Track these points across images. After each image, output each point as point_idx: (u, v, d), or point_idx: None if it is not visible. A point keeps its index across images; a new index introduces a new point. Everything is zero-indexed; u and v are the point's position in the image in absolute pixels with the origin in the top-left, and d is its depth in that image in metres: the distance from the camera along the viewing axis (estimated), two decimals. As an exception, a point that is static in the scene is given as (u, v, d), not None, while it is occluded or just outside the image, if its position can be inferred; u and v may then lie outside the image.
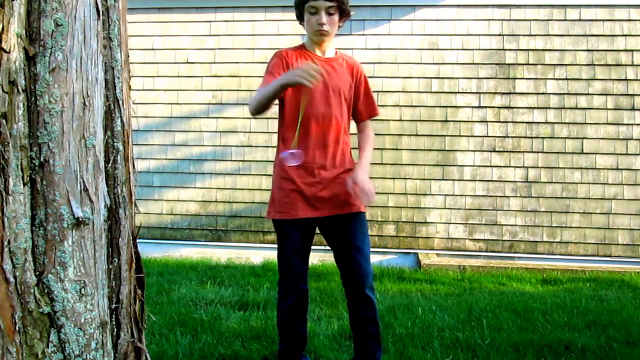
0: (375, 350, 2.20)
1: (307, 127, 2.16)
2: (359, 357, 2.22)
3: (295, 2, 2.21)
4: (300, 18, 2.23)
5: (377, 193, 5.11)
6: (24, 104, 1.38)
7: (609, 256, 5.01)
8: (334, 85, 2.20)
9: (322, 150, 2.17)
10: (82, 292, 1.44)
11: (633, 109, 5.04)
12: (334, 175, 2.18)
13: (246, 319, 3.08)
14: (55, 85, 1.41)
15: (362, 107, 2.33)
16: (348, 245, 2.18)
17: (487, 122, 5.15)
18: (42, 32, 1.40)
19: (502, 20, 5.16)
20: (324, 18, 2.13)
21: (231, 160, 5.36)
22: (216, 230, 5.35)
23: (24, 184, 1.38)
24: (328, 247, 2.27)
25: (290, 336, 2.26)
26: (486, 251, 5.11)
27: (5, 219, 1.32)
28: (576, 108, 5.09)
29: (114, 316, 1.59)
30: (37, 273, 1.39)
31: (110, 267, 1.59)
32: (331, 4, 2.13)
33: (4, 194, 1.33)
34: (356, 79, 2.28)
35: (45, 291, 1.39)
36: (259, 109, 2.12)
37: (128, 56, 1.70)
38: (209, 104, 5.39)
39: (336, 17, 2.17)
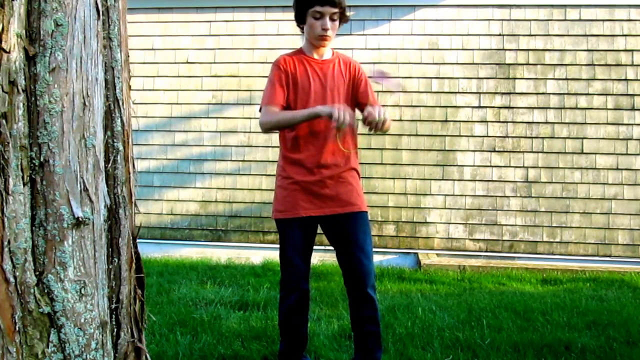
0: (375, 350, 2.20)
1: (306, 127, 2.17)
2: (359, 357, 2.22)
3: (296, 4, 2.21)
4: (300, 20, 2.24)
5: (377, 193, 5.17)
6: (24, 104, 1.38)
7: (609, 256, 5.01)
8: (331, 86, 2.21)
9: (321, 150, 2.18)
10: (82, 292, 1.44)
11: (633, 109, 5.04)
12: (336, 174, 2.19)
13: (246, 319, 3.08)
14: (55, 85, 1.41)
15: (371, 97, 2.31)
16: (350, 244, 2.19)
17: (487, 122, 5.15)
18: (42, 32, 1.40)
19: (502, 20, 5.16)
20: (329, 23, 2.15)
21: (231, 160, 5.36)
22: (216, 230, 5.35)
23: (24, 184, 1.37)
24: (328, 247, 2.28)
25: (291, 336, 2.27)
26: (486, 251, 5.11)
27: (5, 219, 1.32)
28: (576, 108, 5.09)
29: (114, 316, 1.59)
30: (37, 273, 1.39)
31: (110, 267, 1.59)
32: (336, 10, 2.15)
33: (4, 194, 1.32)
34: (353, 75, 2.28)
35: (45, 291, 1.39)
36: (275, 129, 2.20)
37: (128, 56, 1.70)
38: (209, 104, 5.39)
39: (337, 23, 2.20)
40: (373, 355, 2.19)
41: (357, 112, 2.29)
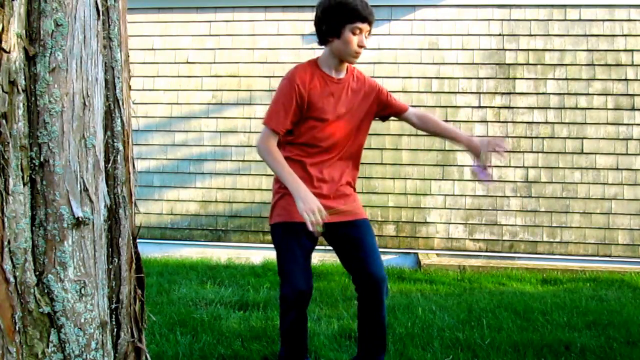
0: (380, 352, 2.19)
1: (315, 144, 2.14)
2: (361, 357, 2.21)
3: (333, 17, 2.08)
4: (332, 34, 2.10)
5: (377, 193, 5.17)
6: (24, 104, 1.38)
7: (609, 256, 5.00)
8: (347, 107, 2.16)
9: (328, 168, 2.16)
10: (82, 292, 1.44)
11: (633, 109, 5.04)
12: (334, 189, 2.17)
13: (246, 319, 3.08)
14: (55, 85, 1.41)
15: (397, 105, 2.31)
16: (364, 252, 2.13)
17: (487, 122, 5.15)
18: (42, 32, 1.40)
19: (502, 20, 5.16)
20: (365, 40, 2.12)
21: (231, 160, 5.36)
22: (216, 230, 5.35)
23: (24, 184, 1.37)
24: (328, 247, 2.26)
25: (294, 344, 2.23)
26: (486, 251, 5.11)
27: (5, 219, 1.32)
28: (576, 108, 5.09)
29: (114, 316, 1.59)
30: (37, 273, 1.39)
31: (110, 267, 1.59)
32: (370, 28, 2.13)
33: (4, 194, 1.33)
34: (372, 93, 2.24)
35: (45, 291, 1.39)
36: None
37: (128, 56, 1.70)
38: (209, 104, 5.39)
39: None
40: (377, 358, 2.19)
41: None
